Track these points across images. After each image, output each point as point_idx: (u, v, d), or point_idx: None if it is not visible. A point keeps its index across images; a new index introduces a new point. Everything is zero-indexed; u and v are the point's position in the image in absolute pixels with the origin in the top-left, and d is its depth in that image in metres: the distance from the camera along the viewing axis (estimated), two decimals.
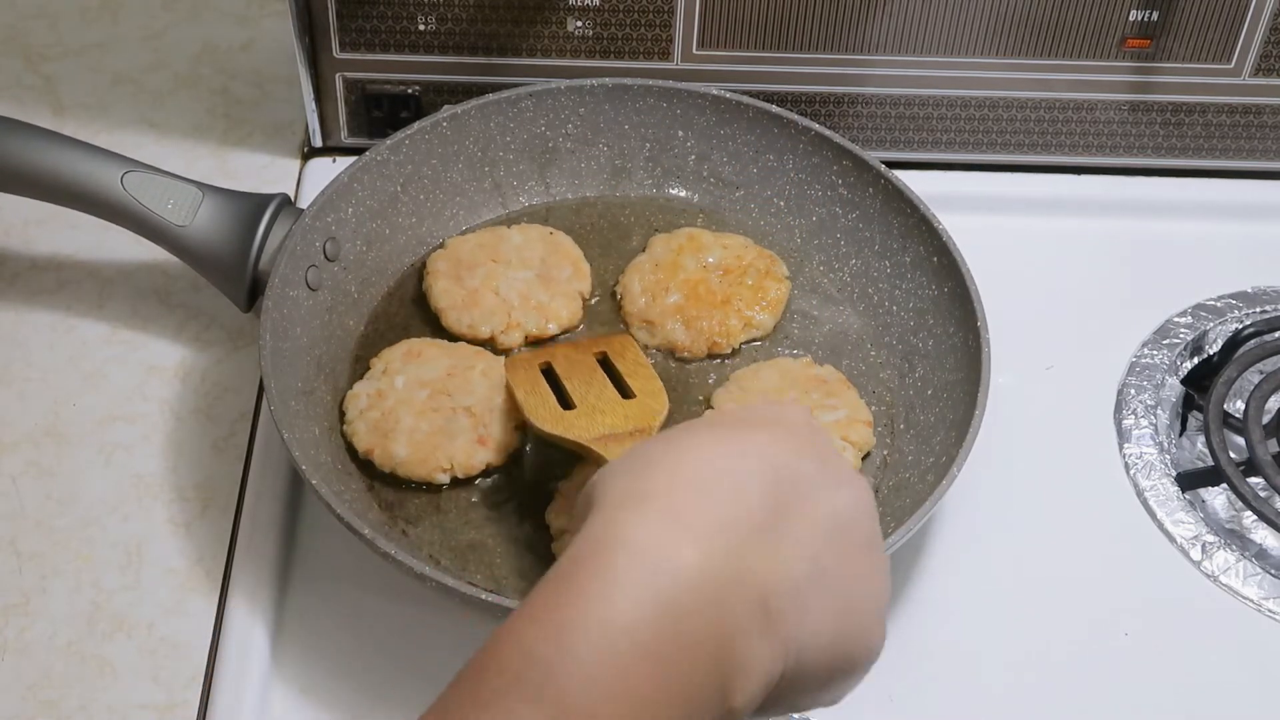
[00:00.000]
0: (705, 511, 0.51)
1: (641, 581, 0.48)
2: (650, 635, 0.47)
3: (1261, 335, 0.94)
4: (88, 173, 0.89)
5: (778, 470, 0.54)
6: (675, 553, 0.49)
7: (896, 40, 0.98)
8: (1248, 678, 0.82)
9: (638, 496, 0.51)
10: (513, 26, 0.97)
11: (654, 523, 0.50)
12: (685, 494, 0.51)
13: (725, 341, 0.91)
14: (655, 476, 0.52)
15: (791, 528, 0.53)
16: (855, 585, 0.54)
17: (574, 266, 0.94)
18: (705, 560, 0.49)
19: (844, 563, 0.54)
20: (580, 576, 0.49)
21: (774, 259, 0.94)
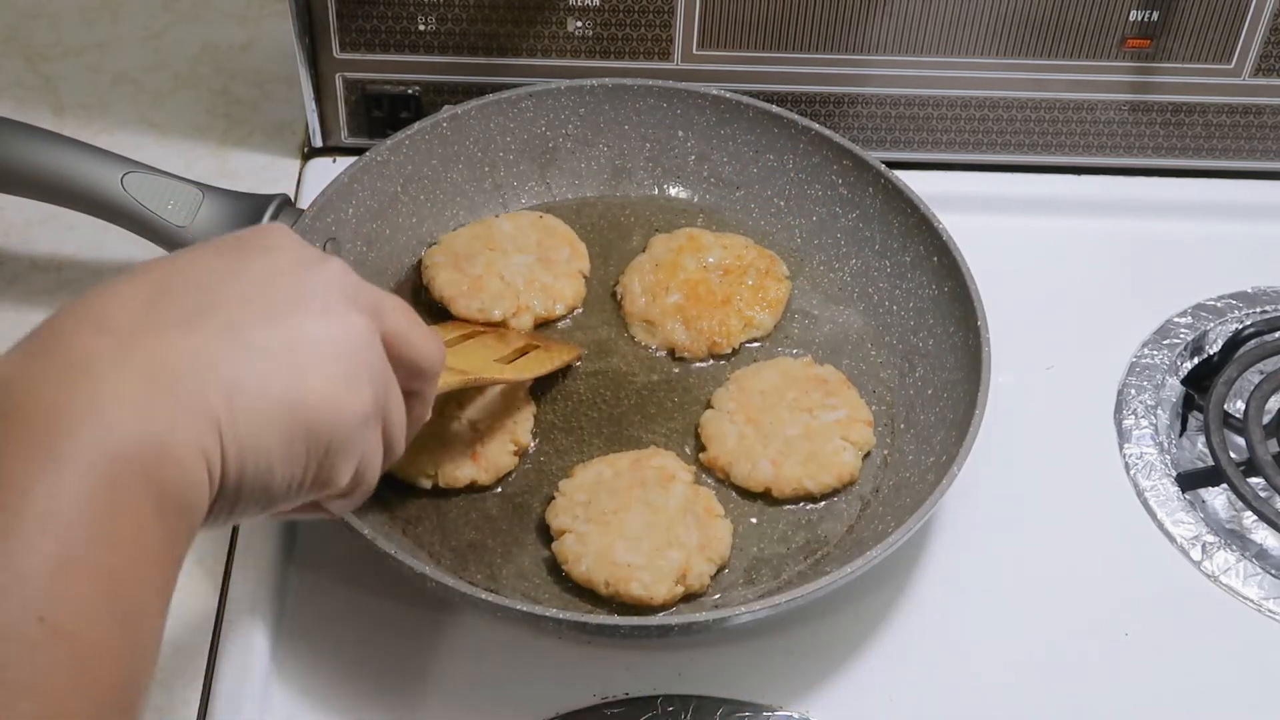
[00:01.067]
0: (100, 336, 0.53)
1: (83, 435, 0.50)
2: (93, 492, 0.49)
3: (1261, 335, 0.94)
4: (88, 173, 0.89)
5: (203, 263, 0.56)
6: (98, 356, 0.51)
7: (896, 40, 0.98)
8: (1248, 678, 0.82)
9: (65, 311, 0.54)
10: (513, 26, 0.97)
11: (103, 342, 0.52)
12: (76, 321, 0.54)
13: (725, 342, 0.91)
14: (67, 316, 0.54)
15: (229, 311, 0.54)
16: (307, 352, 0.56)
17: (570, 247, 0.94)
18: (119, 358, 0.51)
19: (294, 334, 0.55)
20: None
21: (774, 259, 0.94)
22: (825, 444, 0.85)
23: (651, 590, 0.78)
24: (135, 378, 0.51)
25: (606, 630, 0.77)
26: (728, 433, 0.86)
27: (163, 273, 0.56)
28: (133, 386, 0.51)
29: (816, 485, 0.84)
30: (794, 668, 0.80)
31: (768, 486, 0.84)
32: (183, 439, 0.52)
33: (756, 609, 0.75)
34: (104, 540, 0.49)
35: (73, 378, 0.51)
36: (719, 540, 0.81)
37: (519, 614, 0.73)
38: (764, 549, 0.83)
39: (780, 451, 0.84)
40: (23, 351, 0.53)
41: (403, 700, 0.78)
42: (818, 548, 0.83)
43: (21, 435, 0.50)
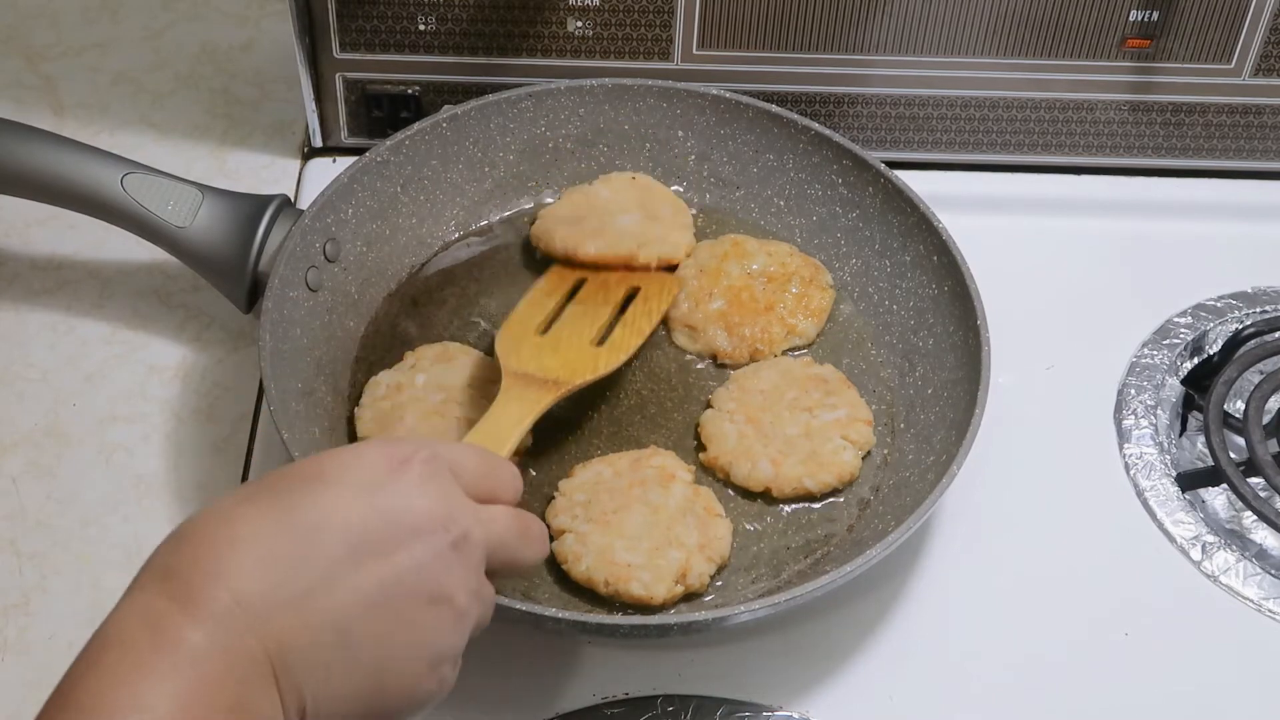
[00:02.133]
0: (219, 593, 0.55)
1: (164, 668, 0.53)
2: (174, 714, 0.52)
3: (1261, 335, 0.94)
4: (88, 174, 0.89)
5: (324, 533, 0.57)
6: (190, 639, 0.54)
7: (896, 40, 0.98)
8: (1248, 678, 0.82)
9: (165, 576, 0.56)
10: (513, 26, 0.97)
11: (173, 608, 0.54)
12: (201, 573, 0.55)
13: (767, 349, 0.91)
14: (187, 551, 0.56)
15: (324, 597, 0.56)
16: (395, 644, 0.58)
17: (671, 204, 0.96)
18: (217, 642, 0.54)
19: (386, 625, 0.58)
20: (108, 661, 0.54)
21: (818, 267, 0.94)
22: (825, 443, 0.85)
23: (651, 590, 0.78)
24: (236, 659, 0.54)
25: (606, 630, 0.77)
26: (728, 432, 0.86)
27: (295, 537, 0.57)
28: (232, 665, 0.54)
29: (816, 485, 0.84)
30: (794, 668, 0.80)
31: (768, 486, 0.84)
32: (266, 705, 0.55)
33: (756, 608, 0.75)
34: None
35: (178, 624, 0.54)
36: (719, 540, 0.81)
37: (519, 613, 0.73)
38: (764, 548, 0.83)
39: (780, 451, 0.84)
40: (154, 588, 0.56)
41: None
42: (818, 547, 0.83)
43: (112, 653, 0.54)
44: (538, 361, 0.84)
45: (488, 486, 0.64)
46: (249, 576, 0.55)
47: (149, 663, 0.53)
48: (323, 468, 0.60)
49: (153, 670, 0.53)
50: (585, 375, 0.84)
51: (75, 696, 0.53)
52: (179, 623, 0.54)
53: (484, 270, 0.96)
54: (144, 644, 0.54)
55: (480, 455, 0.66)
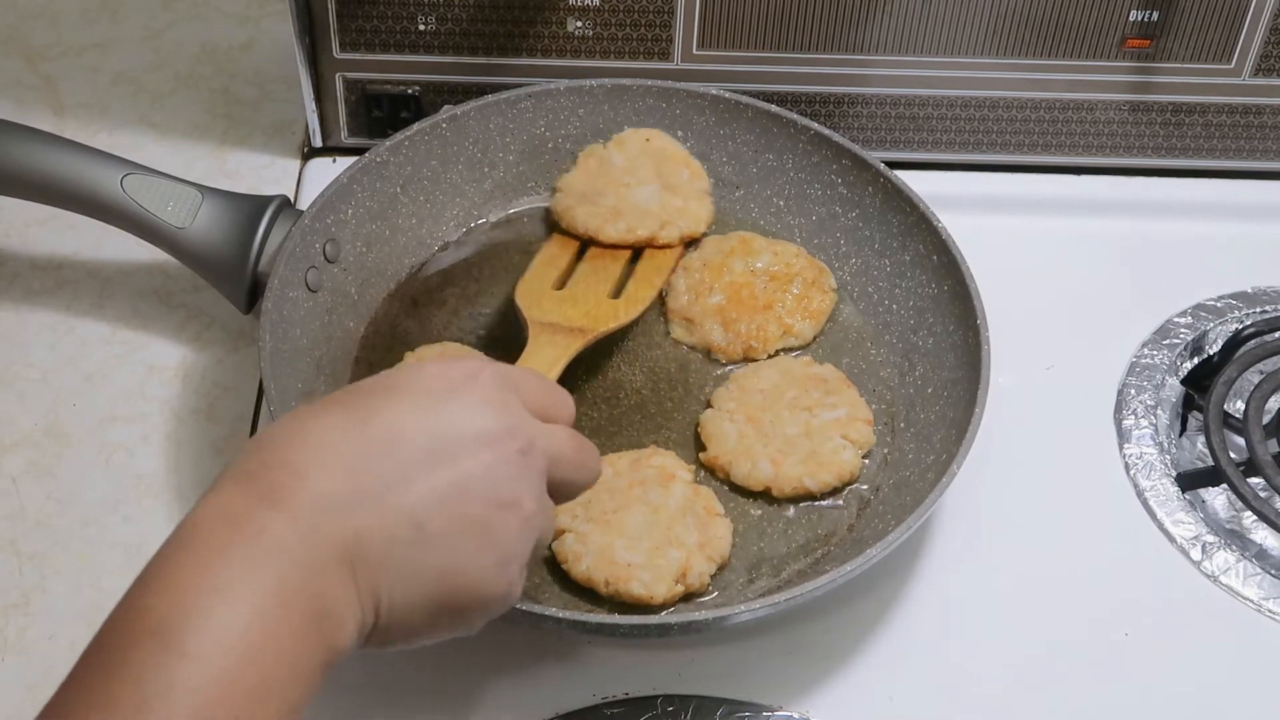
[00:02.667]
0: (300, 489, 0.57)
1: (247, 555, 0.55)
2: (257, 596, 0.54)
3: (1261, 335, 0.94)
4: (88, 175, 0.89)
5: (399, 439, 0.60)
6: (274, 530, 0.55)
7: (896, 40, 0.98)
8: (1248, 678, 0.82)
9: (250, 474, 0.58)
10: (513, 26, 0.97)
11: (258, 503, 0.56)
12: (281, 472, 0.57)
13: (761, 347, 0.91)
14: (266, 455, 0.58)
15: (400, 495, 0.58)
16: (467, 543, 0.60)
17: (688, 166, 0.97)
18: (299, 533, 0.56)
19: (458, 523, 0.60)
20: (195, 547, 0.55)
21: (823, 269, 0.94)
22: (825, 443, 0.85)
23: (651, 589, 0.78)
24: (316, 551, 0.56)
25: (606, 629, 0.77)
26: (728, 432, 0.86)
27: (372, 440, 0.59)
28: (313, 557, 0.56)
29: (816, 484, 0.84)
30: (794, 668, 0.80)
31: (768, 485, 0.84)
32: (343, 597, 0.57)
33: (756, 608, 0.75)
34: (269, 651, 0.54)
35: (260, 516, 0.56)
36: (719, 539, 0.81)
37: (519, 613, 0.73)
38: (764, 548, 0.83)
39: (780, 450, 0.84)
40: (234, 488, 0.58)
41: (403, 700, 0.78)
42: (817, 547, 0.83)
43: (199, 540, 0.55)
44: (560, 311, 0.87)
45: (546, 405, 0.66)
46: (329, 475, 0.57)
47: (230, 551, 0.55)
48: (395, 380, 0.62)
49: (234, 558, 0.54)
50: (609, 323, 0.87)
51: (160, 575, 0.54)
52: (260, 516, 0.56)
53: (484, 270, 0.96)
54: (224, 535, 0.55)
55: (539, 377, 0.69)
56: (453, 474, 0.60)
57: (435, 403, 0.61)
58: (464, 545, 0.60)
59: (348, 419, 0.60)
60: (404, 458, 0.59)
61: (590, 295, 0.89)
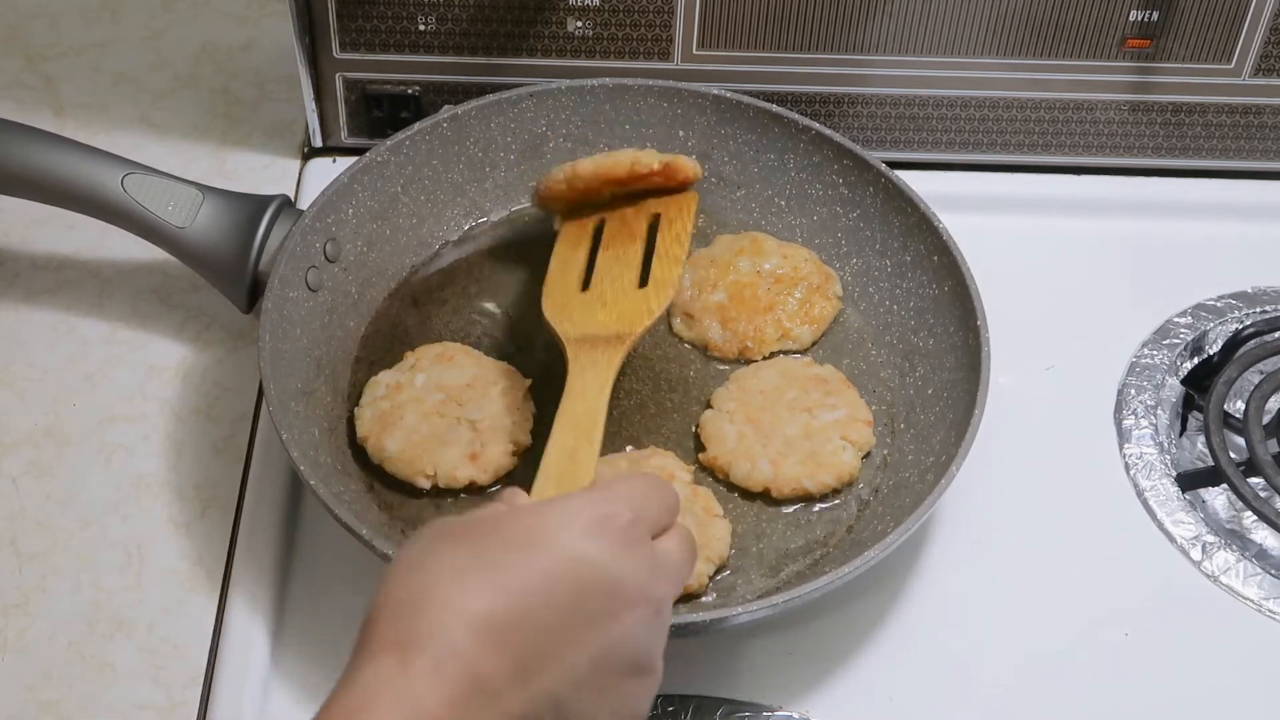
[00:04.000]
0: (455, 668, 0.54)
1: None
2: None
3: (1261, 335, 0.94)
4: (88, 175, 0.89)
5: (545, 605, 0.57)
6: (428, 703, 0.54)
7: (896, 40, 0.98)
8: (1248, 678, 0.82)
9: (397, 643, 0.55)
10: (513, 26, 0.97)
11: (408, 673, 0.54)
12: (436, 645, 0.55)
13: (757, 348, 0.91)
14: (420, 618, 0.56)
15: (548, 675, 0.56)
16: (601, 714, 0.58)
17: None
18: (454, 712, 0.54)
19: (595, 696, 0.58)
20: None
21: (830, 276, 0.94)
22: (825, 444, 0.85)
23: None
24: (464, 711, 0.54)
25: None
26: (727, 432, 0.86)
27: (517, 608, 0.56)
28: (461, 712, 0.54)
29: (816, 485, 0.84)
30: (794, 668, 0.80)
31: (767, 486, 0.84)
32: None
33: (755, 609, 0.75)
34: None
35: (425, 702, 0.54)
36: (718, 540, 0.81)
37: None
38: (763, 549, 0.83)
39: (780, 451, 0.84)
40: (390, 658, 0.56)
41: None
42: (817, 548, 0.83)
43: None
44: (593, 320, 0.82)
45: (662, 521, 0.64)
46: (485, 652, 0.55)
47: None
48: (531, 532, 0.59)
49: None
50: (644, 320, 0.82)
51: None
52: (419, 687, 0.54)
53: (484, 270, 0.96)
54: (385, 707, 0.54)
55: (658, 495, 0.65)
56: (594, 648, 0.57)
57: (575, 561, 0.58)
58: (599, 716, 0.58)
59: (486, 578, 0.57)
60: (550, 628, 0.56)
61: (618, 291, 0.85)
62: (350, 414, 0.87)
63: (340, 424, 0.87)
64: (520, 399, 0.86)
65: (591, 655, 0.57)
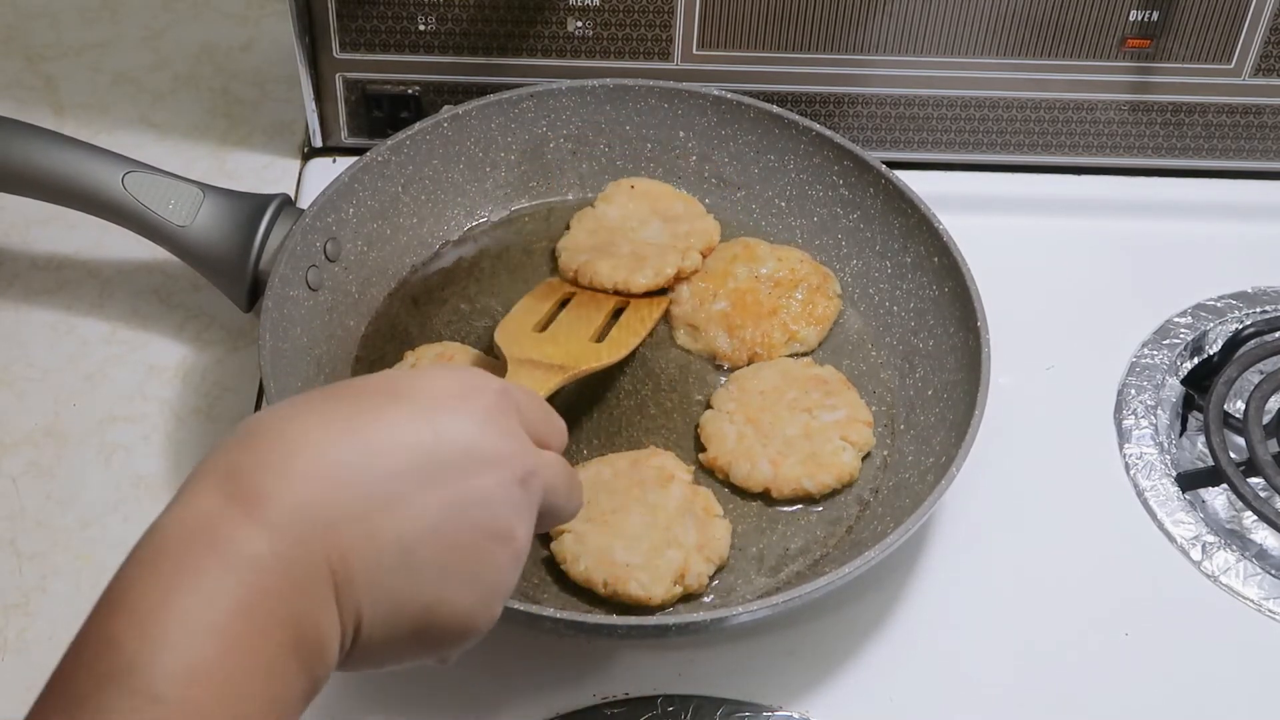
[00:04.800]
0: (279, 496, 0.52)
1: (220, 574, 0.51)
2: (231, 624, 0.50)
3: (1261, 335, 0.94)
4: (89, 173, 0.89)
5: (392, 450, 0.55)
6: (250, 544, 0.51)
7: (896, 40, 0.98)
8: (1248, 678, 0.82)
9: (227, 474, 0.53)
10: (513, 26, 0.97)
11: (233, 510, 0.52)
12: (265, 476, 0.53)
13: (766, 353, 0.91)
14: (251, 452, 0.54)
15: (391, 516, 0.54)
16: (456, 572, 0.56)
17: (682, 201, 0.97)
18: (278, 548, 0.51)
19: (448, 551, 0.56)
20: (163, 566, 0.51)
21: (828, 275, 0.94)
22: (825, 444, 0.85)
23: (650, 590, 0.78)
24: (298, 568, 0.52)
25: (605, 630, 0.77)
26: (727, 433, 0.86)
27: (364, 450, 0.55)
28: (294, 574, 0.52)
29: (816, 485, 0.84)
30: (794, 668, 0.80)
31: (767, 486, 0.84)
32: (324, 620, 0.53)
33: (755, 609, 0.75)
34: (246, 687, 0.50)
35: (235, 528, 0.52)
36: (718, 540, 0.81)
37: (517, 614, 0.73)
38: (762, 549, 0.83)
39: (780, 452, 0.84)
40: (214, 488, 0.53)
41: (402, 700, 0.78)
42: (817, 548, 0.83)
43: (167, 557, 0.51)
44: (539, 350, 0.84)
45: (545, 431, 0.62)
46: (316, 484, 0.53)
47: (205, 566, 0.51)
48: (395, 384, 0.58)
49: (209, 574, 0.50)
50: (590, 362, 0.84)
51: (127, 599, 0.50)
52: (240, 526, 0.51)
53: (484, 270, 0.96)
54: (196, 550, 0.51)
55: (539, 400, 0.65)
56: (447, 497, 0.55)
57: (434, 414, 0.57)
58: (453, 577, 0.56)
59: (337, 420, 0.55)
60: (396, 473, 0.55)
61: (571, 337, 0.87)
62: None
63: None
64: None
65: (444, 504, 0.55)
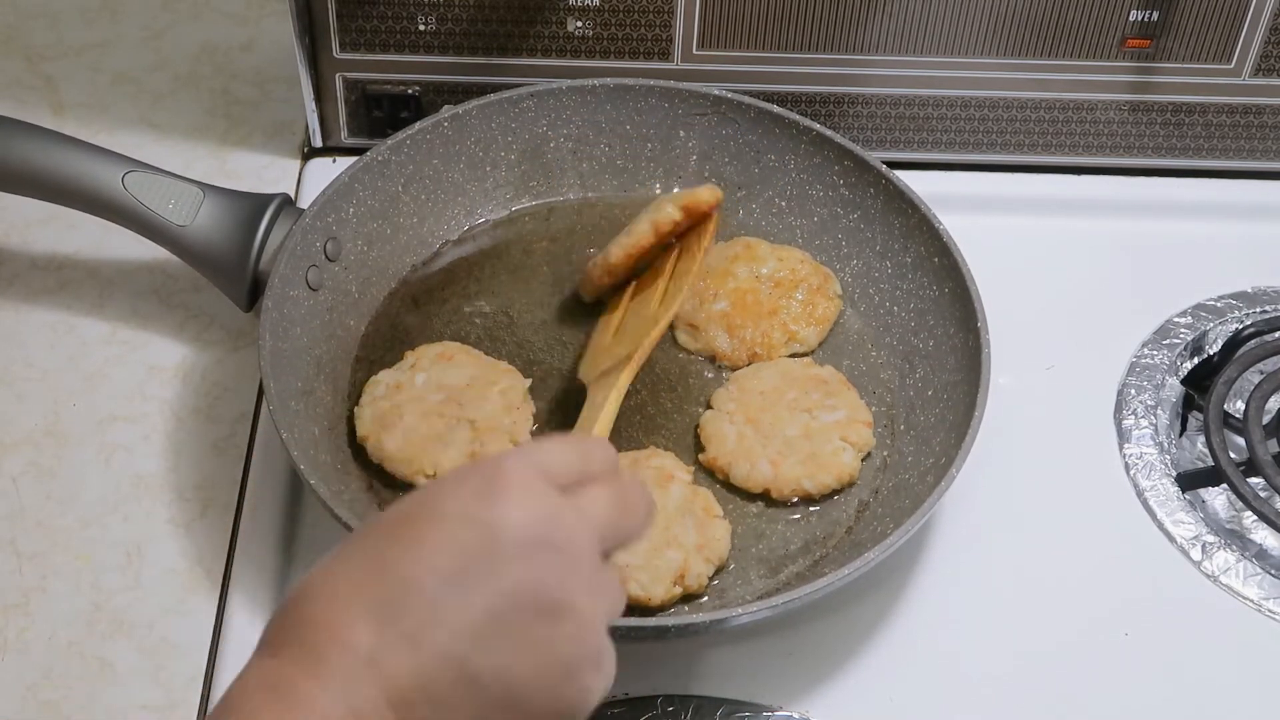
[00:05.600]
0: (333, 648, 0.54)
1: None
2: None
3: (1261, 335, 0.94)
4: (89, 173, 0.89)
5: (425, 570, 0.55)
6: (316, 703, 0.53)
7: (896, 40, 0.98)
8: (1248, 678, 0.82)
9: (277, 642, 0.55)
10: (513, 26, 0.97)
11: (291, 670, 0.54)
12: (313, 633, 0.54)
13: (766, 353, 0.91)
14: (295, 616, 0.55)
15: (435, 634, 0.54)
16: (520, 667, 0.55)
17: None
18: (334, 695, 0.53)
19: (504, 649, 0.55)
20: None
21: (828, 276, 0.94)
22: (825, 445, 0.85)
23: (649, 590, 0.77)
24: (361, 712, 0.53)
25: None
26: (727, 433, 0.86)
27: (394, 580, 0.55)
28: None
29: (816, 486, 0.84)
30: (794, 668, 0.80)
31: (767, 487, 0.84)
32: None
33: (755, 610, 0.75)
34: None
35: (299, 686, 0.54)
36: (717, 541, 0.81)
37: None
38: (762, 550, 0.83)
39: (780, 452, 0.84)
40: (270, 655, 0.55)
41: None
42: (816, 548, 0.83)
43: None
44: (609, 355, 0.86)
45: (580, 471, 0.60)
46: (357, 628, 0.54)
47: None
48: (409, 509, 0.57)
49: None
50: (648, 331, 0.85)
51: None
52: (301, 683, 0.53)
53: (484, 270, 0.96)
54: (269, 708, 0.53)
55: (566, 442, 0.61)
56: (486, 595, 0.54)
57: (456, 521, 0.56)
58: (517, 670, 0.55)
59: (368, 560, 0.56)
60: (430, 589, 0.54)
61: (634, 319, 0.87)
62: (350, 413, 0.87)
63: (340, 423, 0.87)
64: (520, 399, 0.86)
65: (487, 605, 0.54)
